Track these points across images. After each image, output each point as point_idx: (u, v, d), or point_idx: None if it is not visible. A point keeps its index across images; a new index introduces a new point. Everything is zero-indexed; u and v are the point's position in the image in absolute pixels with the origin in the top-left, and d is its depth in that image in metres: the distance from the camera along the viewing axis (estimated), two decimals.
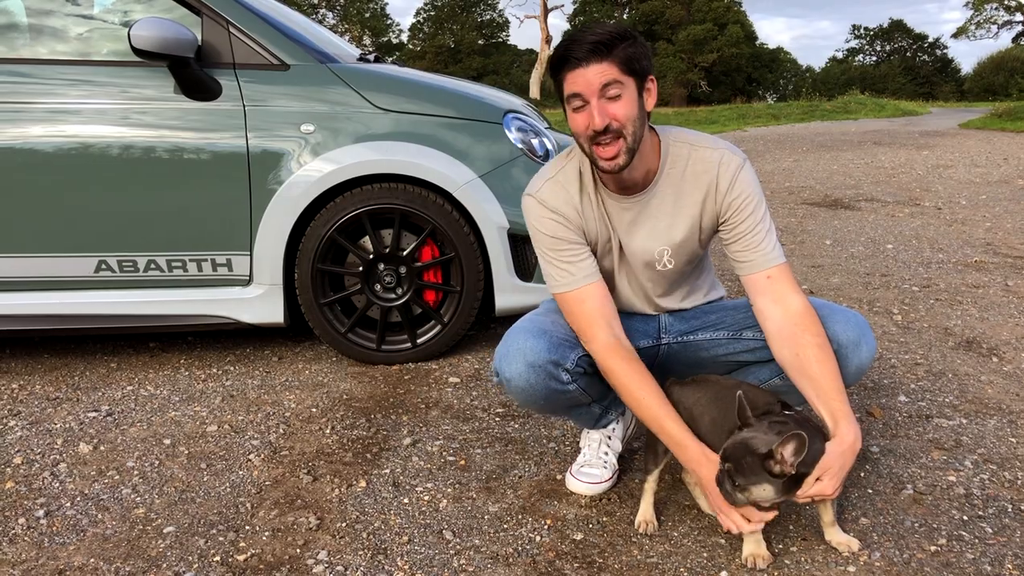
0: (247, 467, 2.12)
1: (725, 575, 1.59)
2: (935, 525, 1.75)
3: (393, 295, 2.85)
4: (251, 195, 2.69)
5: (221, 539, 1.77)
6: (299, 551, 1.72)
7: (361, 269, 2.81)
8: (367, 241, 2.80)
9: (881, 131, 14.91)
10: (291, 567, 1.66)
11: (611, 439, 2.01)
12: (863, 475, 1.98)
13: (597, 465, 1.96)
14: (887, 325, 3.17)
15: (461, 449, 2.20)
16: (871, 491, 1.91)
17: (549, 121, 3.47)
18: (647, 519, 1.77)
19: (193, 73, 2.62)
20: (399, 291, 2.85)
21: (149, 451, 2.23)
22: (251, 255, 2.75)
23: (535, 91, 27.79)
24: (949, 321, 3.21)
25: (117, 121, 2.65)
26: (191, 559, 1.70)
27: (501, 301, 2.85)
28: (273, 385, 2.72)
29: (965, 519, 1.78)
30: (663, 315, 1.96)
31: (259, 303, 2.79)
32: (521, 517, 1.84)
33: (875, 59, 57.90)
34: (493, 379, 1.89)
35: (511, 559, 1.67)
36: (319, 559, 1.68)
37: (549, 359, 1.73)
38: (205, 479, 2.06)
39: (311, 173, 2.68)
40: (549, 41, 31.35)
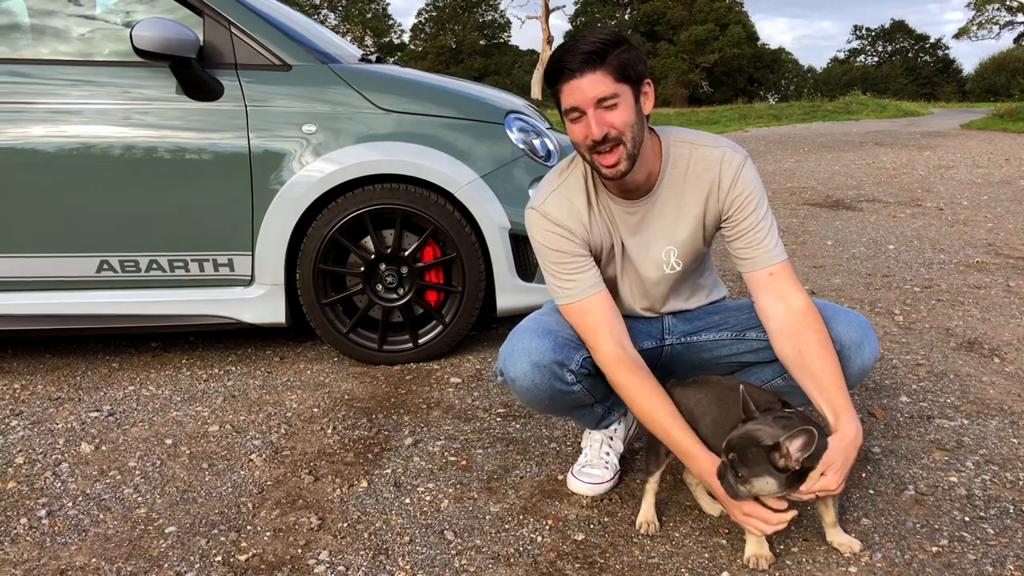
0: (249, 467, 2.12)
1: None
2: (937, 526, 1.75)
3: (395, 295, 2.86)
4: (253, 195, 2.70)
5: (223, 539, 1.77)
6: (300, 551, 1.72)
7: (363, 269, 2.81)
8: (369, 241, 2.80)
9: (883, 132, 14.90)
10: (292, 567, 1.66)
11: (613, 440, 2.01)
12: (864, 476, 1.98)
13: (598, 465, 1.95)
14: (888, 326, 3.17)
15: (462, 449, 2.20)
16: (872, 492, 1.91)
17: (550, 121, 3.47)
18: (648, 519, 1.77)
19: (195, 73, 2.62)
20: (401, 291, 2.85)
21: (151, 451, 2.23)
22: (253, 255, 2.75)
23: (536, 92, 27.78)
24: (951, 322, 3.21)
25: (119, 121, 2.65)
26: (192, 559, 1.70)
27: (502, 301, 2.85)
28: (275, 385, 2.73)
29: (967, 520, 1.78)
30: (667, 316, 1.96)
31: (261, 303, 2.80)
32: (522, 517, 1.84)
33: (877, 60, 57.87)
34: (497, 378, 1.89)
35: (512, 559, 1.67)
36: (320, 559, 1.68)
37: (554, 359, 1.73)
38: (207, 479, 2.06)
39: (313, 173, 2.69)
40: (550, 42, 31.38)
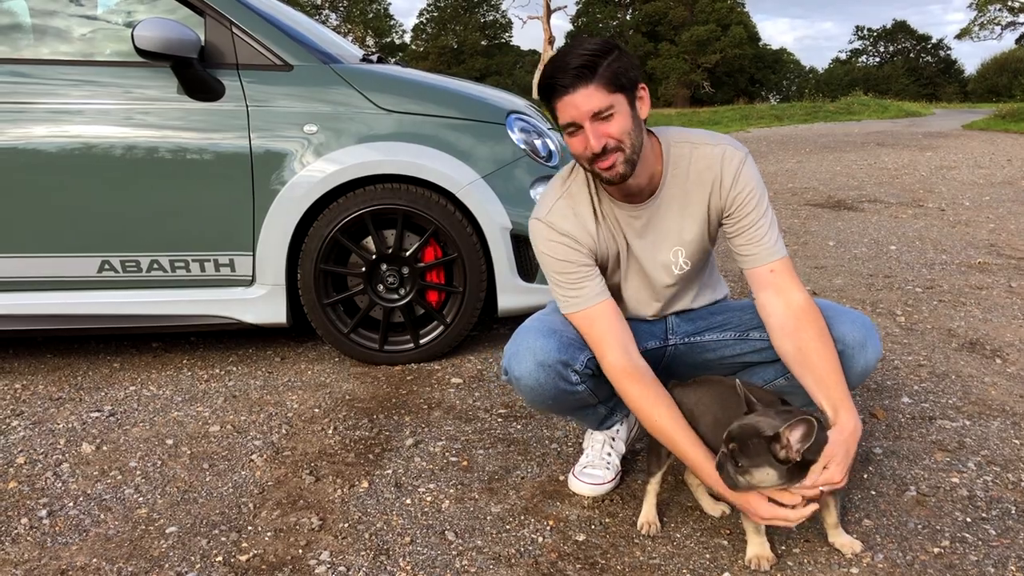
0: (249, 467, 2.12)
1: None
2: (938, 527, 1.75)
3: (396, 295, 2.85)
4: (254, 195, 2.70)
5: (223, 539, 1.77)
6: (301, 551, 1.72)
7: (364, 269, 2.81)
8: (370, 241, 2.80)
9: (884, 132, 14.90)
10: (293, 567, 1.66)
11: (615, 440, 2.01)
12: (866, 477, 1.98)
13: (600, 466, 1.95)
14: (890, 326, 3.17)
15: (463, 450, 2.20)
16: (874, 493, 1.90)
17: (552, 122, 3.46)
18: (650, 520, 1.77)
19: (196, 73, 2.62)
20: (402, 292, 2.85)
21: (152, 451, 2.23)
22: (254, 255, 2.75)
23: (537, 92, 27.77)
24: (952, 322, 3.21)
25: (120, 121, 2.65)
26: (193, 559, 1.70)
27: (504, 302, 2.85)
28: (276, 385, 2.72)
29: (968, 521, 1.77)
30: (670, 316, 1.96)
31: (262, 303, 2.80)
32: (523, 518, 1.84)
33: (878, 60, 57.84)
34: (502, 377, 1.89)
35: (513, 560, 1.67)
36: (321, 559, 1.68)
37: (559, 359, 1.73)
38: (207, 479, 2.06)
39: (314, 173, 2.69)
40: (552, 42, 31.39)
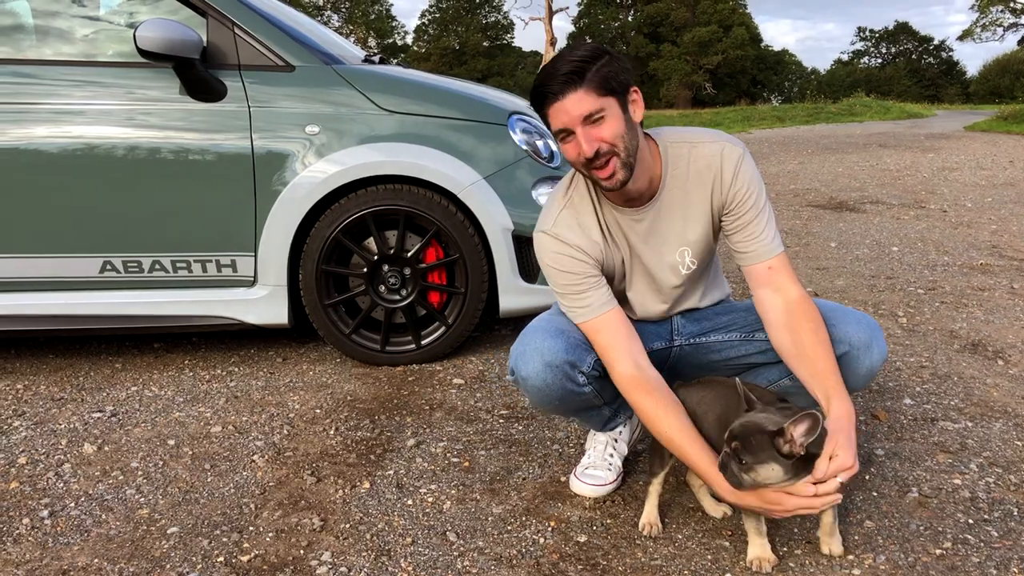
0: (251, 468, 2.12)
1: None
2: (940, 528, 1.75)
3: (397, 296, 2.85)
4: (256, 196, 2.70)
5: (225, 540, 1.77)
6: (303, 552, 1.72)
7: (365, 270, 2.81)
8: (371, 242, 2.80)
9: (886, 133, 14.89)
10: (295, 568, 1.66)
11: (617, 442, 2.00)
12: (868, 478, 1.98)
13: (601, 467, 1.95)
14: (892, 328, 3.16)
15: (465, 451, 2.20)
16: (876, 494, 1.90)
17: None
18: (651, 521, 1.77)
19: (198, 74, 2.63)
20: (403, 292, 2.85)
21: (153, 452, 2.23)
22: (256, 256, 2.76)
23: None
24: (954, 324, 3.20)
25: (122, 122, 2.66)
26: (195, 560, 1.70)
27: (505, 303, 2.85)
28: (277, 386, 2.73)
29: (970, 523, 1.77)
30: (676, 317, 1.96)
31: (263, 304, 2.80)
32: (525, 519, 1.83)
33: (880, 61, 57.81)
34: (508, 378, 1.89)
35: (515, 561, 1.67)
36: (323, 560, 1.68)
37: (566, 360, 1.73)
38: (209, 480, 2.06)
39: (316, 174, 2.69)
40: (554, 43, 31.38)
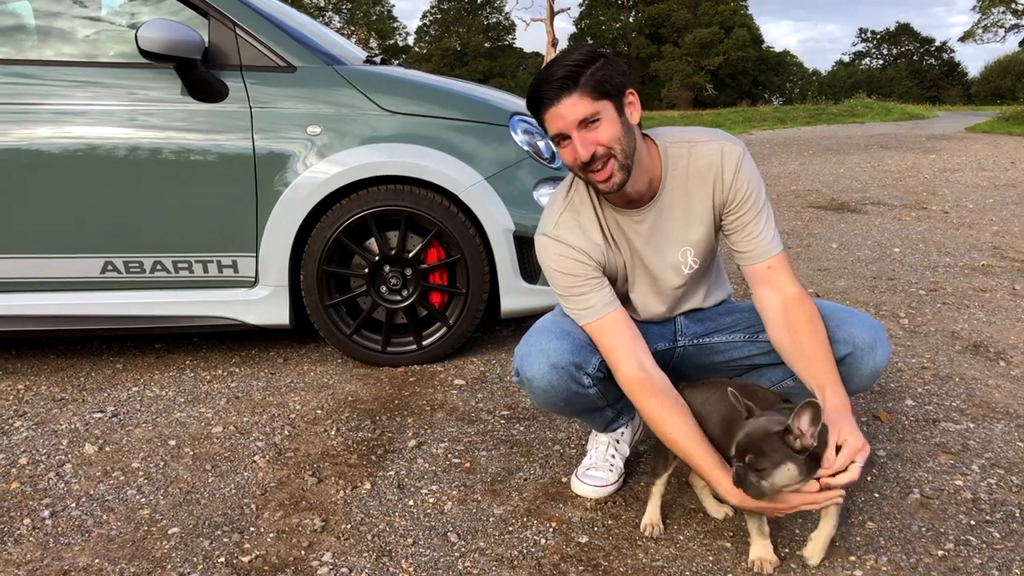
0: (252, 468, 2.12)
1: None
2: (942, 530, 1.75)
3: (399, 297, 2.85)
4: (257, 197, 2.70)
5: (226, 540, 1.77)
6: (304, 553, 1.72)
7: (367, 271, 2.81)
8: (373, 243, 2.80)
9: (887, 135, 14.88)
10: (296, 568, 1.66)
11: (619, 443, 2.00)
12: (870, 479, 1.97)
13: (603, 468, 1.95)
14: (894, 329, 3.16)
15: (466, 451, 2.20)
16: (878, 495, 1.90)
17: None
18: (653, 522, 1.76)
19: (200, 75, 2.63)
20: (405, 293, 2.85)
21: (154, 452, 2.23)
22: (257, 257, 2.76)
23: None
24: (956, 325, 3.20)
25: (124, 122, 2.66)
26: (196, 560, 1.70)
27: (506, 303, 2.85)
28: (278, 387, 2.73)
29: (972, 524, 1.77)
30: (679, 317, 1.96)
31: (265, 304, 2.80)
32: (526, 520, 1.83)
33: (882, 63, 57.83)
34: (512, 379, 1.88)
35: (516, 562, 1.67)
36: (324, 561, 1.68)
37: (572, 361, 1.73)
38: (210, 480, 2.06)
39: (317, 175, 2.69)
40: (555, 44, 31.38)
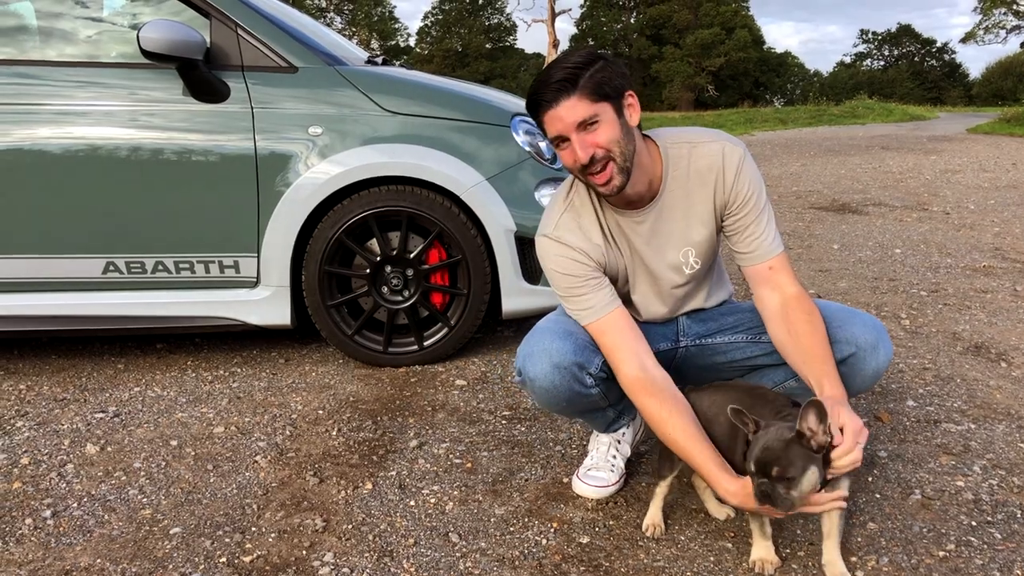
0: (253, 469, 2.12)
1: None
2: (944, 530, 1.74)
3: (400, 297, 2.85)
4: (259, 197, 2.70)
5: (227, 540, 1.77)
6: (305, 553, 1.72)
7: (368, 271, 2.81)
8: (374, 243, 2.80)
9: (889, 136, 14.88)
10: (297, 569, 1.66)
11: (620, 443, 2.00)
12: (871, 480, 1.97)
13: (604, 468, 1.95)
14: (895, 330, 3.16)
15: (467, 452, 2.20)
16: (879, 496, 1.90)
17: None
18: (655, 523, 1.76)
19: (201, 75, 2.63)
20: (406, 293, 2.85)
21: (156, 452, 2.23)
22: (258, 257, 2.76)
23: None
24: (957, 326, 3.20)
25: (125, 123, 2.66)
26: (197, 560, 1.70)
27: (508, 304, 2.85)
28: (280, 387, 2.73)
29: (974, 525, 1.77)
30: (681, 317, 1.96)
31: (266, 305, 2.80)
32: (527, 520, 1.83)
33: (883, 64, 57.82)
34: (515, 378, 1.88)
35: (517, 562, 1.67)
36: (325, 561, 1.68)
37: (574, 361, 1.73)
38: (211, 480, 2.06)
39: (319, 175, 2.69)
40: (556, 45, 31.38)
